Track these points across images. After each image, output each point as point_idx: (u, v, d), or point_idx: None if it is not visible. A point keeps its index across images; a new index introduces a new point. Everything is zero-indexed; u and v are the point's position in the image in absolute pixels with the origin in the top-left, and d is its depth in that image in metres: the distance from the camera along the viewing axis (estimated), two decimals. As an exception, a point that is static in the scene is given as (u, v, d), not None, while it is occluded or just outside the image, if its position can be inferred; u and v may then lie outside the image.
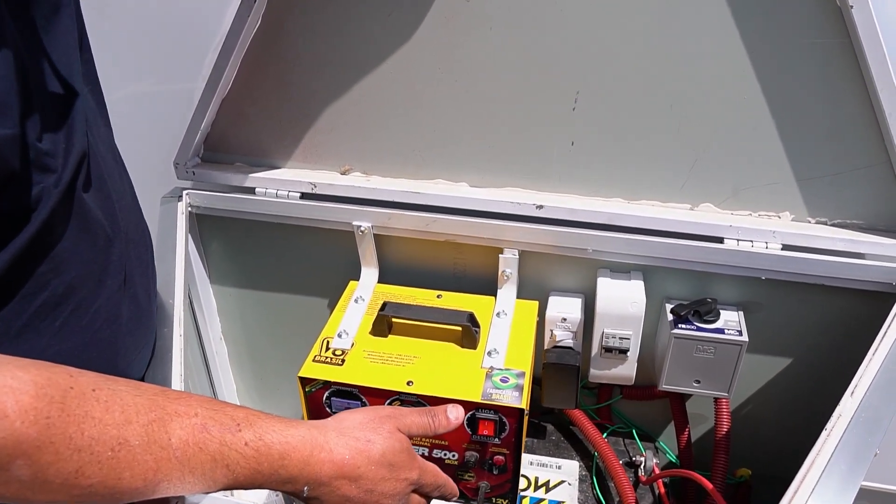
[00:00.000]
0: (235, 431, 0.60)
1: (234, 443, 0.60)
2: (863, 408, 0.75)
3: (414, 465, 0.74)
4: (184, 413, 0.58)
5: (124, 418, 0.54)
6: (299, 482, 0.64)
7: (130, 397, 0.56)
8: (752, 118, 0.97)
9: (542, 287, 1.13)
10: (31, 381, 0.50)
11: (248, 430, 0.61)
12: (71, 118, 0.66)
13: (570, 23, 0.96)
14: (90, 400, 0.53)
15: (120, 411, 0.54)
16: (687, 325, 1.02)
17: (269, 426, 0.63)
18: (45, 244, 0.64)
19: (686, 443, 1.18)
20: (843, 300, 1.02)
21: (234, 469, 0.60)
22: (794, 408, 1.15)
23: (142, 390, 0.58)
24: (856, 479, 0.67)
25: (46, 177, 0.62)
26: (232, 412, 0.62)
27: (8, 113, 0.55)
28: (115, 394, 0.55)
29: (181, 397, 0.60)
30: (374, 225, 1.11)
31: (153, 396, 0.57)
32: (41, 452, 0.50)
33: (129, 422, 0.54)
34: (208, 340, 1.31)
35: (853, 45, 0.89)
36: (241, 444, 0.60)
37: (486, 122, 1.05)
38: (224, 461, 0.59)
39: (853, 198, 1.00)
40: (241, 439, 0.60)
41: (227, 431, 0.60)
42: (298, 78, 1.09)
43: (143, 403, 0.56)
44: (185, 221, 1.13)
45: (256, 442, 0.61)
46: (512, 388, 0.94)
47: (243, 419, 0.62)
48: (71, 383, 0.52)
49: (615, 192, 1.06)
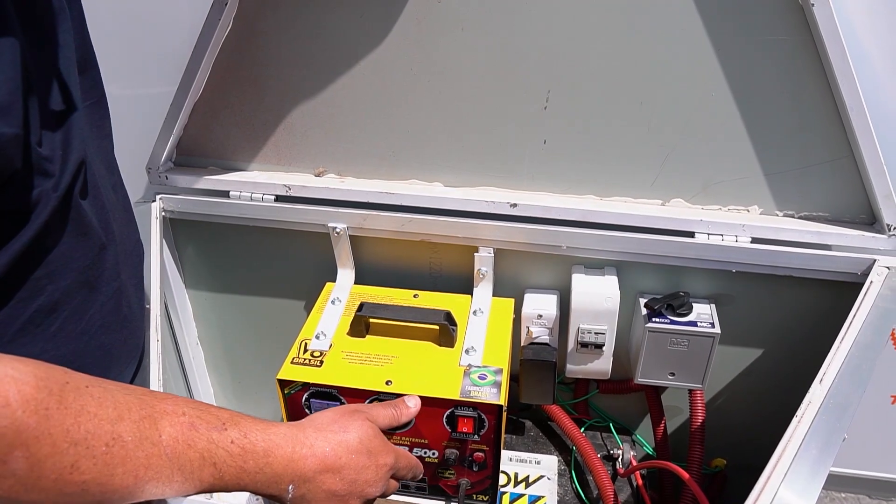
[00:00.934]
0: (222, 430, 0.62)
1: (220, 440, 0.61)
2: (831, 394, 0.77)
3: (389, 450, 0.76)
4: (172, 412, 0.59)
5: (117, 414, 0.55)
6: (284, 480, 0.65)
7: (121, 395, 0.56)
8: (719, 115, 0.99)
9: (518, 284, 1.14)
10: (31, 373, 0.51)
11: (233, 428, 0.62)
12: (69, 126, 0.67)
13: (541, 23, 0.97)
14: (85, 395, 0.54)
15: (113, 407, 0.55)
16: (660, 319, 1.04)
17: (252, 426, 0.64)
18: (41, 248, 0.64)
19: (662, 435, 1.20)
20: (811, 291, 1.05)
21: (220, 468, 0.61)
22: (768, 397, 1.17)
23: (130, 390, 0.58)
24: (826, 463, 0.69)
25: (45, 181, 0.63)
26: (217, 412, 0.63)
27: (13, 113, 0.56)
28: (106, 391, 0.56)
29: (168, 397, 0.61)
30: (350, 226, 1.11)
31: (142, 396, 0.58)
32: (39, 444, 0.50)
33: (121, 418, 0.55)
34: (184, 345, 1.30)
35: (815, 43, 0.91)
36: (227, 442, 0.61)
37: (460, 122, 1.06)
38: (211, 459, 0.60)
39: (819, 191, 1.02)
40: (228, 437, 0.62)
41: (214, 430, 0.61)
42: (271, 80, 1.09)
43: (133, 401, 0.57)
44: (158, 226, 1.13)
45: (242, 440, 0.62)
46: (490, 385, 0.95)
47: (228, 419, 0.63)
48: (66, 378, 0.53)
49: (587, 189, 1.08)
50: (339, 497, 0.70)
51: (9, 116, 0.55)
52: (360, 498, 0.73)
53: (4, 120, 0.55)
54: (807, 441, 0.71)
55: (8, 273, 0.61)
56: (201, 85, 1.09)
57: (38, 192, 0.62)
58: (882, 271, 0.97)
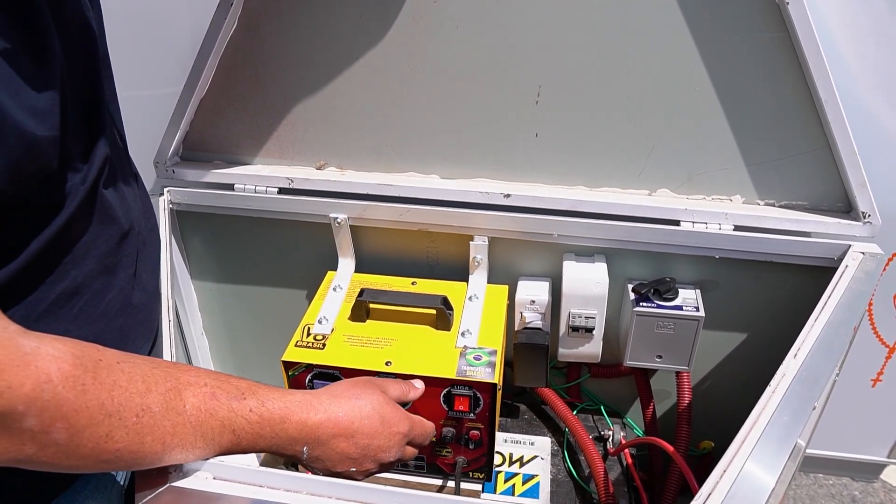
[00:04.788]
0: (241, 399, 0.67)
1: (240, 409, 0.67)
2: (804, 367, 0.81)
3: (402, 418, 0.81)
4: (195, 383, 0.65)
5: (145, 387, 0.60)
6: (299, 443, 0.71)
7: (149, 369, 0.62)
8: (702, 109, 1.04)
9: (512, 272, 1.19)
10: (69, 352, 0.56)
11: (251, 398, 0.68)
12: (97, 121, 0.72)
13: (532, 21, 1.02)
14: (117, 371, 0.59)
15: (142, 381, 0.60)
16: (648, 303, 1.09)
17: (269, 394, 0.70)
18: (68, 236, 0.69)
19: (651, 417, 1.24)
20: (791, 276, 1.10)
21: (239, 434, 0.67)
22: (752, 380, 1.20)
23: (157, 363, 0.64)
24: (797, 429, 0.73)
25: (75, 175, 0.68)
26: (237, 382, 0.68)
27: (52, 118, 0.61)
28: (136, 366, 0.61)
29: (191, 369, 0.66)
30: (350, 216, 1.15)
31: (167, 369, 0.64)
32: (78, 416, 0.55)
33: (149, 390, 0.60)
34: (190, 336, 1.34)
35: (791, 39, 0.96)
36: (246, 411, 0.67)
37: (455, 117, 1.11)
38: (231, 426, 0.66)
39: (798, 180, 1.07)
40: (246, 406, 0.67)
41: (234, 399, 0.67)
42: (274, 78, 1.13)
43: (160, 374, 0.62)
44: (166, 218, 1.17)
45: (259, 408, 0.68)
46: (485, 365, 0.99)
47: (247, 388, 0.68)
48: (99, 356, 0.58)
49: (578, 179, 1.13)
50: (352, 459, 0.76)
51: (49, 121, 0.60)
52: (374, 461, 0.78)
53: (45, 124, 0.60)
54: (780, 408, 0.75)
55: (37, 259, 0.65)
56: (207, 83, 1.14)
57: (69, 185, 0.67)
58: (857, 256, 1.02)
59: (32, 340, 0.54)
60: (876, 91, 1.03)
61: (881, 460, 1.40)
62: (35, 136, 0.59)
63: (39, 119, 0.59)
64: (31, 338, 0.54)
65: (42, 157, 0.61)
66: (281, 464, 1.21)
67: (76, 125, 0.68)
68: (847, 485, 1.82)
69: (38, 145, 0.60)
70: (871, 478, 1.44)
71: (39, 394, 0.52)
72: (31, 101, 0.58)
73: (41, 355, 0.54)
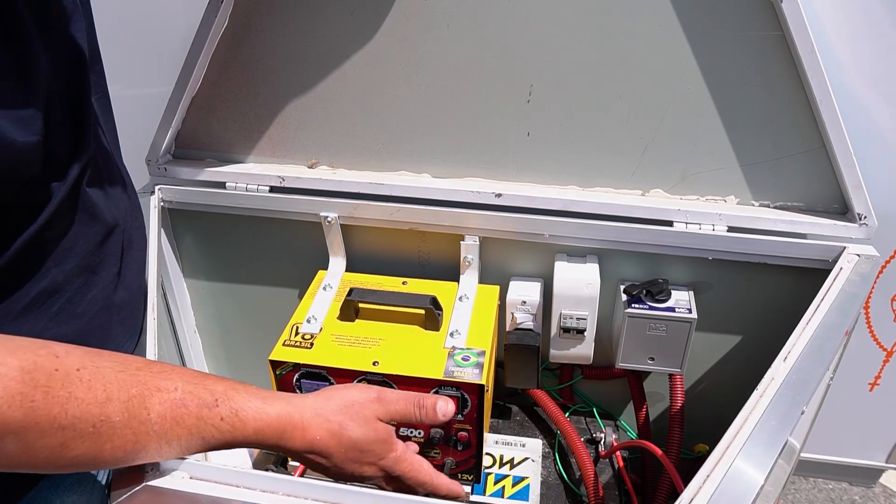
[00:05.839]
0: (213, 407, 0.64)
1: (210, 418, 0.64)
2: (794, 371, 0.80)
3: (388, 455, 0.77)
4: (164, 388, 0.62)
5: (106, 396, 0.58)
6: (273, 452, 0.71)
7: (113, 374, 0.60)
8: (696, 108, 1.03)
9: (504, 273, 1.18)
10: (17, 367, 0.54)
11: (224, 405, 0.65)
12: (81, 123, 0.71)
13: (523, 19, 1.02)
14: (74, 381, 0.57)
15: (102, 389, 0.58)
16: (640, 305, 1.08)
17: (245, 401, 0.67)
18: (50, 236, 0.69)
19: (644, 420, 1.23)
20: (786, 277, 1.08)
21: (209, 440, 0.65)
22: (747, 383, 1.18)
23: (126, 365, 0.61)
24: (784, 432, 0.72)
25: (58, 175, 0.67)
26: (212, 386, 0.66)
27: (35, 123, 0.60)
28: (98, 371, 0.59)
29: (164, 371, 0.64)
30: (341, 215, 1.15)
31: (136, 372, 0.61)
32: (27, 432, 0.54)
33: (110, 399, 0.58)
34: (182, 334, 1.34)
35: (785, 38, 0.95)
36: (216, 420, 0.65)
37: (447, 116, 1.10)
38: (200, 434, 0.64)
39: (793, 181, 1.06)
40: (217, 415, 0.65)
41: (205, 406, 0.64)
42: (265, 76, 1.13)
43: (125, 379, 0.60)
44: (157, 216, 1.17)
45: (232, 418, 0.65)
46: (473, 366, 0.98)
47: (221, 394, 0.66)
48: (56, 365, 0.56)
49: (570, 179, 1.12)
50: (327, 470, 0.74)
51: (30, 126, 0.60)
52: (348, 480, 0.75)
53: (27, 130, 0.59)
54: (768, 412, 0.74)
55: (17, 258, 0.65)
56: (198, 81, 1.14)
57: (52, 186, 0.67)
58: (852, 258, 1.01)
59: None
60: (872, 91, 1.01)
61: (879, 465, 1.39)
62: (16, 143, 0.58)
63: (21, 125, 0.59)
64: None
65: (24, 163, 0.61)
66: (271, 464, 1.21)
67: (61, 127, 0.67)
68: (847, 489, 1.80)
69: (20, 151, 0.59)
70: (870, 483, 1.42)
71: None
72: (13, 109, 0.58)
73: None
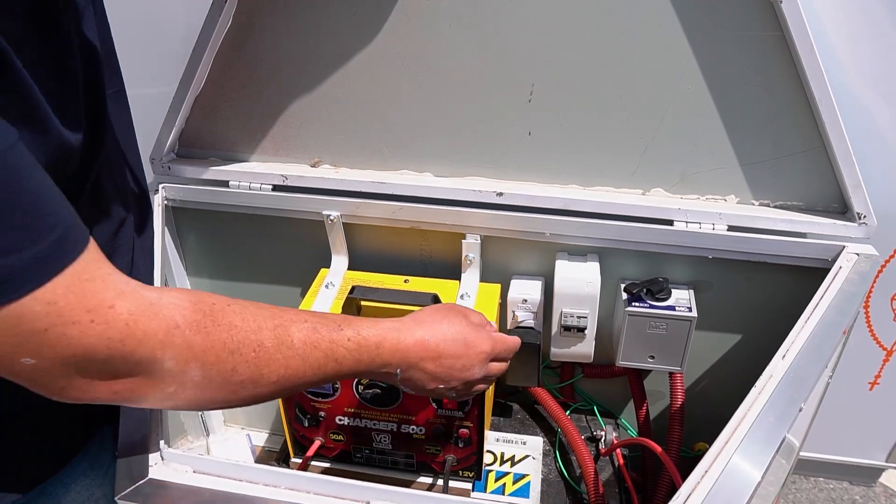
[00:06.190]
0: (339, 330, 0.74)
1: (339, 340, 0.73)
2: (792, 369, 0.81)
3: (485, 338, 0.86)
4: (298, 320, 0.71)
5: (256, 325, 0.66)
6: (392, 365, 0.79)
7: (256, 309, 0.68)
8: (696, 108, 1.03)
9: (505, 271, 1.19)
10: (187, 300, 0.62)
11: (348, 328, 0.74)
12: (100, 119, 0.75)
13: (524, 19, 1.02)
14: (229, 312, 0.65)
15: (252, 319, 0.66)
16: (640, 303, 1.08)
17: (363, 324, 0.76)
18: None
19: (645, 418, 1.24)
20: (785, 276, 1.09)
21: (340, 361, 0.73)
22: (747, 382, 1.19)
23: (261, 305, 0.70)
24: (782, 429, 0.73)
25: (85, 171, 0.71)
26: (332, 317, 0.76)
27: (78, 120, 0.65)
28: (243, 306, 0.67)
29: (290, 309, 0.73)
30: (343, 214, 1.16)
31: (270, 308, 0.70)
32: (206, 355, 0.62)
33: (260, 328, 0.67)
34: (186, 331, 1.35)
35: (785, 38, 0.96)
36: (344, 340, 0.73)
37: (448, 115, 1.11)
38: (333, 356, 0.72)
39: (793, 181, 1.06)
40: (344, 336, 0.74)
41: (333, 331, 0.73)
42: (268, 75, 1.14)
43: (265, 314, 0.68)
44: (161, 214, 1.17)
45: (356, 336, 0.74)
46: (474, 364, 0.99)
47: (342, 321, 0.75)
48: (212, 300, 0.65)
49: (571, 178, 1.12)
50: (440, 379, 0.82)
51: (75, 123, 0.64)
52: (459, 381, 0.84)
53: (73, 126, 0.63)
54: (766, 409, 0.75)
55: None
56: (202, 80, 1.15)
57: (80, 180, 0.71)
58: (851, 257, 1.01)
59: (153, 292, 0.60)
60: (872, 91, 1.02)
61: (879, 464, 1.39)
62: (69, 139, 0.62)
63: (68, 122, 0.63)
64: (151, 290, 0.60)
65: (72, 159, 0.65)
66: (273, 461, 1.22)
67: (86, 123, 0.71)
68: (847, 489, 1.81)
69: (70, 147, 0.63)
70: (870, 482, 1.42)
71: (172, 339, 0.59)
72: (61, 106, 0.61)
73: (164, 304, 0.59)
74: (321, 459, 1.12)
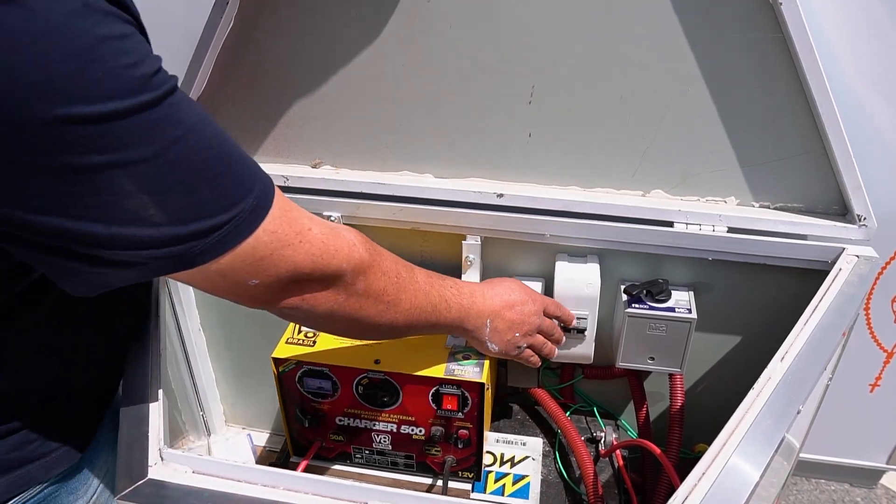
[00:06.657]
0: (442, 280, 0.91)
1: (444, 285, 0.90)
2: (791, 371, 0.81)
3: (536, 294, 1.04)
4: (415, 268, 0.86)
5: (393, 259, 0.82)
6: (484, 315, 0.94)
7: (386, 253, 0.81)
8: (696, 110, 1.04)
9: (505, 272, 1.19)
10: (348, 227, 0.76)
11: (447, 279, 0.92)
12: None
13: (525, 21, 1.02)
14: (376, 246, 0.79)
15: (388, 255, 0.81)
16: (640, 305, 1.08)
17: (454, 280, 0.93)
18: None
19: (645, 420, 1.24)
20: (786, 278, 1.09)
21: (450, 302, 0.89)
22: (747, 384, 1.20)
23: None
24: (780, 430, 0.73)
25: None
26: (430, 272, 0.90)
27: None
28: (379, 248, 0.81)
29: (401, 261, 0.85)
30: (344, 215, 1.16)
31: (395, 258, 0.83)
32: (370, 272, 0.76)
33: (396, 262, 0.82)
34: (187, 331, 1.35)
35: (785, 39, 0.96)
36: (449, 286, 0.91)
37: (449, 116, 1.11)
38: (444, 297, 0.89)
39: (793, 182, 1.06)
40: (447, 283, 0.91)
41: (440, 279, 0.90)
42: (270, 77, 1.14)
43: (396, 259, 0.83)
44: (162, 215, 1.18)
45: (454, 286, 0.92)
46: (473, 365, 0.99)
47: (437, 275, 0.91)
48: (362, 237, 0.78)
49: (571, 180, 1.12)
50: (516, 325, 0.98)
51: None
52: (528, 325, 1.00)
53: None
54: (764, 411, 0.75)
55: None
56: (203, 82, 1.15)
57: None
58: (851, 259, 1.01)
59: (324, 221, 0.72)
60: (872, 91, 1.02)
61: (880, 466, 1.39)
62: None
63: None
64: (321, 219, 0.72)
65: None
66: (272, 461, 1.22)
67: None
68: (848, 490, 1.80)
69: None
70: (871, 484, 1.42)
71: (352, 253, 0.73)
72: None
73: (341, 228, 0.74)
74: (321, 460, 1.12)
